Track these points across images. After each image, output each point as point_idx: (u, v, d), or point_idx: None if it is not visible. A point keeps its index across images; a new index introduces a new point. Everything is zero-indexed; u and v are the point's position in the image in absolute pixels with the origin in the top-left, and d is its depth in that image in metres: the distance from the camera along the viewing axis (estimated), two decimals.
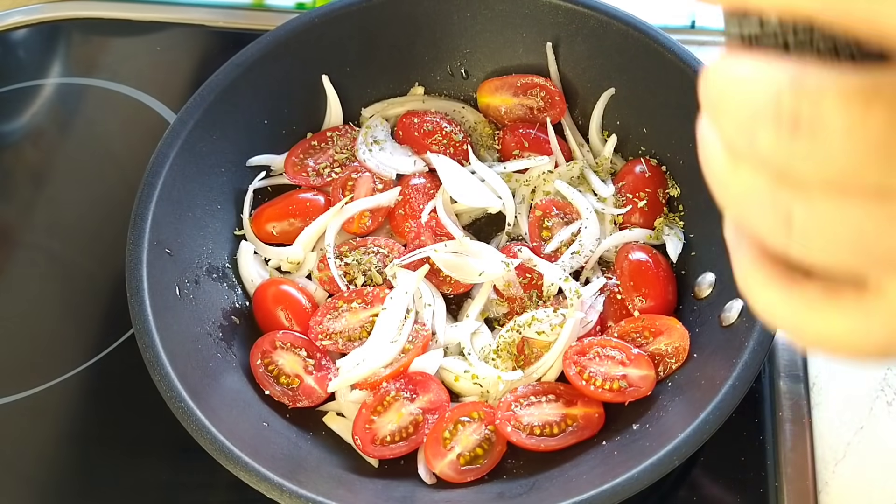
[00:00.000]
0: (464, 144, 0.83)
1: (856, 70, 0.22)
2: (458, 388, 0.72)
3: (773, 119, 0.23)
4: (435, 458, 0.66)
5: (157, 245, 0.69)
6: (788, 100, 0.22)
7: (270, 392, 0.70)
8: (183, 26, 1.00)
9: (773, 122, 0.23)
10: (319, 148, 0.83)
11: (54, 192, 0.89)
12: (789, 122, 0.22)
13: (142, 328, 0.64)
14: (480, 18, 0.83)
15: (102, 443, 0.74)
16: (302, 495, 0.58)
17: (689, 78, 0.73)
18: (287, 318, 0.74)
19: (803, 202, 0.23)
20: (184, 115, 0.74)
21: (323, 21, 0.80)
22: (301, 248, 0.78)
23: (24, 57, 1.01)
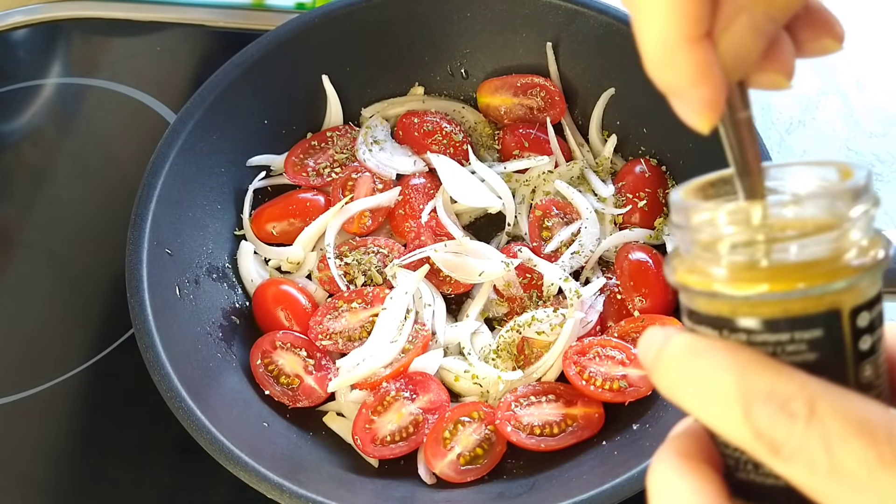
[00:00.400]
0: (464, 144, 0.83)
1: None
2: (458, 388, 0.72)
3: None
4: (435, 458, 0.66)
5: (157, 245, 0.69)
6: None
7: (270, 392, 0.70)
8: (183, 26, 1.00)
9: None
10: (319, 148, 0.83)
11: (54, 192, 0.89)
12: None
13: (142, 328, 0.64)
14: (480, 18, 0.83)
15: (102, 443, 0.74)
16: (302, 495, 0.58)
17: None
18: (287, 318, 0.74)
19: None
20: (184, 115, 0.74)
21: (323, 21, 0.80)
22: (301, 248, 0.78)
23: (24, 57, 1.01)
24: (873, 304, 0.26)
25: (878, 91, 0.96)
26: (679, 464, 0.28)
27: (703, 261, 0.27)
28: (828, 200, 0.26)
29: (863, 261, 0.26)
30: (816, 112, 0.94)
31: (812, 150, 0.91)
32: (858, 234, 0.26)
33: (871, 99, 0.95)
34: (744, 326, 0.26)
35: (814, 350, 0.26)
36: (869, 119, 0.94)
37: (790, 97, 0.95)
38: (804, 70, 0.97)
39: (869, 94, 0.95)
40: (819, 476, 0.24)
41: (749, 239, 0.26)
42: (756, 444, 0.25)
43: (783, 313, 0.26)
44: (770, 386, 0.25)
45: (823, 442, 0.23)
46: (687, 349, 0.27)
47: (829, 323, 0.26)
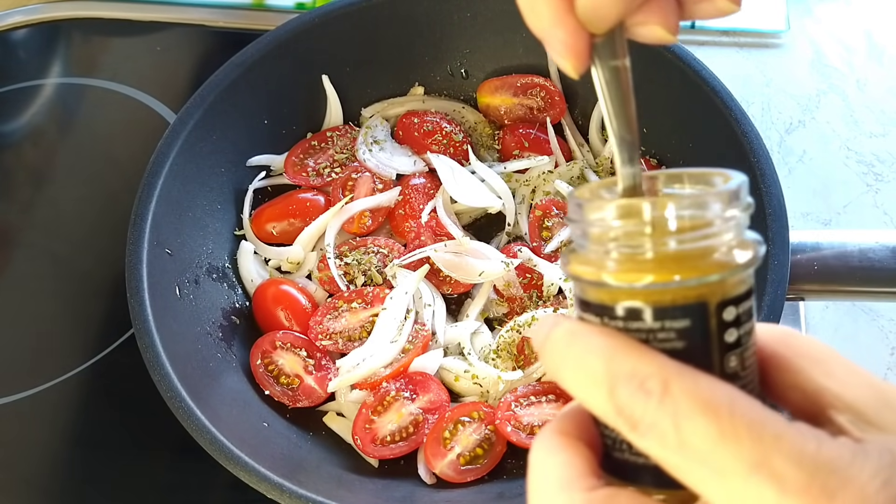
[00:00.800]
0: (464, 144, 0.83)
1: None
2: (458, 388, 0.72)
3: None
4: (435, 458, 0.66)
5: (157, 245, 0.69)
6: None
7: (270, 392, 0.70)
8: (183, 26, 1.00)
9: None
10: (319, 148, 0.83)
11: (54, 192, 0.89)
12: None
13: (142, 328, 0.64)
14: (480, 18, 0.83)
15: (102, 443, 0.74)
16: (302, 495, 0.58)
17: (689, 78, 0.73)
18: (287, 318, 0.74)
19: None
20: (184, 115, 0.74)
21: (323, 21, 0.80)
22: (301, 248, 0.78)
23: (24, 57, 1.01)
24: (741, 301, 0.29)
25: (878, 91, 0.96)
26: (554, 440, 0.30)
27: (592, 253, 0.30)
28: (704, 202, 0.28)
29: (731, 259, 0.28)
30: (816, 112, 0.94)
31: (812, 149, 0.91)
32: (730, 235, 0.28)
33: (871, 99, 0.95)
34: (621, 314, 0.29)
35: (682, 339, 0.28)
36: (869, 119, 0.94)
37: (790, 97, 0.95)
38: (804, 70, 0.97)
39: (869, 94, 0.95)
40: (669, 449, 0.26)
41: (632, 233, 0.28)
42: (618, 420, 0.27)
43: (656, 303, 0.28)
44: (632, 367, 0.27)
45: (673, 418, 0.25)
46: (569, 334, 0.29)
47: (696, 314, 0.28)
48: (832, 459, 0.24)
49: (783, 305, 0.62)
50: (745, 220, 0.29)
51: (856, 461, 0.24)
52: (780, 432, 0.25)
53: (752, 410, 0.25)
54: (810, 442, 0.24)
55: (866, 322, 0.80)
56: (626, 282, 0.28)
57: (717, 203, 0.28)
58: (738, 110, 0.70)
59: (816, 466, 0.24)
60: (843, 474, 0.24)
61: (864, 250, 0.66)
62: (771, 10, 1.01)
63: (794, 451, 0.24)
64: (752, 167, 0.67)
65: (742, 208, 0.29)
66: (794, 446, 0.24)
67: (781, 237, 0.64)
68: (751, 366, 0.30)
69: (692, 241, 0.28)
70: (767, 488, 0.24)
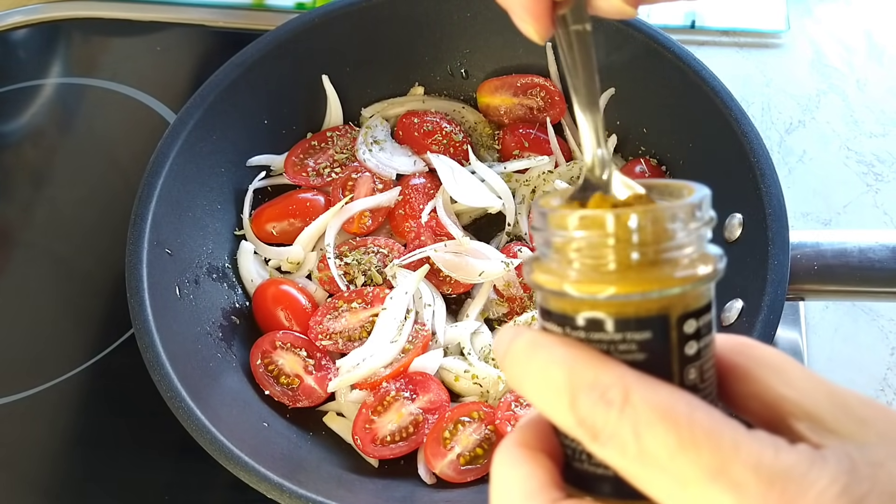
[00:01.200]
0: (464, 144, 0.83)
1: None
2: (458, 388, 0.72)
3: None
4: (435, 457, 0.66)
5: (157, 245, 0.69)
6: None
7: (270, 392, 0.70)
8: (183, 26, 1.00)
9: None
10: (319, 148, 0.83)
11: (54, 192, 0.89)
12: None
13: (142, 328, 0.64)
14: (480, 18, 0.83)
15: (102, 443, 0.74)
16: (302, 495, 0.58)
17: (689, 78, 0.73)
18: (287, 318, 0.74)
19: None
20: (184, 115, 0.74)
21: (323, 21, 0.80)
22: (301, 248, 0.78)
23: (24, 57, 1.01)
24: (701, 314, 0.29)
25: (878, 91, 0.96)
26: (516, 452, 0.30)
27: (555, 262, 0.30)
28: (666, 216, 0.28)
29: (692, 273, 0.28)
30: (816, 112, 0.94)
31: (812, 149, 0.91)
32: (692, 248, 0.29)
33: (871, 99, 0.95)
34: (583, 325, 0.29)
35: (643, 350, 0.28)
36: (869, 119, 0.94)
37: (790, 97, 0.95)
38: (804, 70, 0.97)
39: (869, 94, 0.95)
40: (629, 458, 0.26)
41: (594, 244, 0.29)
42: (579, 431, 0.27)
43: (618, 315, 0.28)
44: (594, 377, 0.27)
45: (633, 427, 0.25)
46: (530, 344, 0.29)
47: (657, 327, 0.28)
48: (791, 466, 0.24)
49: (783, 305, 0.62)
50: (707, 233, 0.30)
51: (814, 468, 0.24)
52: (738, 440, 0.25)
53: (712, 419, 0.25)
54: (768, 449, 0.24)
55: (866, 322, 0.80)
56: (587, 293, 0.29)
57: (679, 217, 0.28)
58: (737, 110, 0.70)
59: (775, 474, 0.24)
60: (802, 481, 0.24)
61: (864, 250, 0.66)
62: (771, 10, 1.01)
63: (752, 458, 0.24)
64: (752, 167, 0.67)
65: (704, 222, 0.29)
66: (752, 454, 0.24)
67: (781, 237, 0.64)
68: (710, 377, 0.30)
69: (654, 255, 0.28)
70: (727, 496, 0.24)
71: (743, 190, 0.67)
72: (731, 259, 0.32)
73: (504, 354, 0.30)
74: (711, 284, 0.30)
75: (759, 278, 0.63)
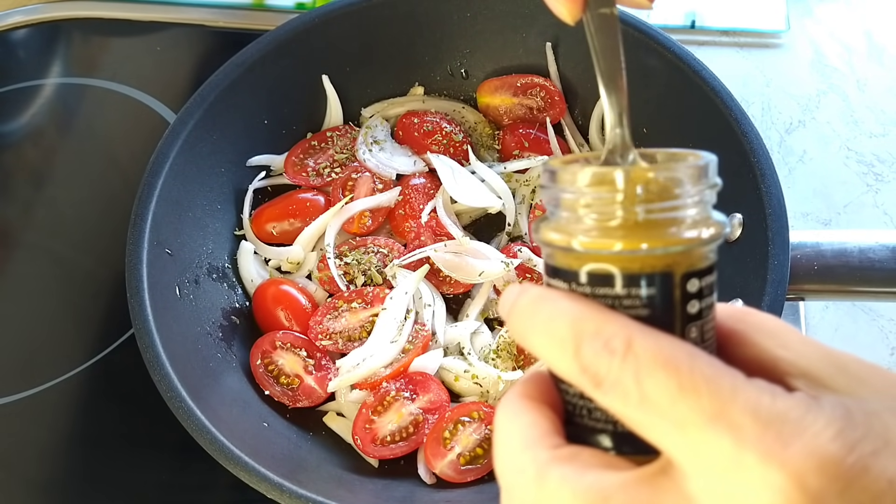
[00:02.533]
0: (464, 144, 0.83)
1: (601, 470, 0.28)
2: (458, 388, 0.72)
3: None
4: (435, 457, 0.66)
5: (157, 245, 0.69)
6: (532, 495, 0.28)
7: (270, 392, 0.70)
8: (183, 26, 1.00)
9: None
10: (319, 148, 0.83)
11: (54, 192, 0.89)
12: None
13: (142, 328, 0.64)
14: (480, 18, 0.83)
15: (102, 443, 0.74)
16: (302, 495, 0.58)
17: (690, 78, 0.73)
18: (287, 318, 0.74)
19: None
20: (184, 115, 0.74)
21: (323, 21, 0.80)
22: (301, 248, 0.78)
23: (24, 57, 1.01)
24: (704, 275, 0.30)
25: (878, 91, 0.96)
26: (518, 403, 0.31)
27: (563, 220, 0.31)
28: (675, 175, 0.29)
29: (697, 232, 0.29)
30: (816, 112, 0.94)
31: (812, 149, 0.91)
32: (697, 209, 0.30)
33: (871, 99, 0.95)
34: (588, 280, 0.30)
35: (647, 306, 0.29)
36: (869, 119, 0.94)
37: (790, 97, 0.95)
38: (804, 70, 0.97)
39: (869, 94, 0.95)
40: (631, 404, 0.26)
41: (603, 200, 0.29)
42: (583, 378, 0.28)
43: (623, 270, 0.29)
44: (598, 327, 0.28)
45: (635, 374, 0.26)
46: (536, 298, 0.30)
47: (662, 283, 0.29)
48: (787, 410, 0.25)
49: (783, 305, 0.62)
50: (712, 197, 0.31)
51: (810, 412, 0.25)
52: (737, 386, 0.25)
53: (712, 366, 0.26)
54: (766, 395, 0.25)
55: (866, 322, 0.80)
56: (595, 248, 0.29)
57: (687, 177, 0.30)
58: (738, 110, 0.70)
59: (771, 417, 0.24)
60: (798, 424, 0.24)
61: (864, 250, 0.66)
62: (771, 10, 1.01)
63: (750, 402, 0.25)
64: (752, 167, 0.67)
65: (709, 185, 0.30)
66: (750, 399, 0.25)
67: (781, 237, 0.64)
68: (710, 340, 0.31)
69: (661, 212, 0.29)
70: (725, 438, 0.24)
71: (743, 190, 0.67)
72: (731, 259, 0.32)
73: (510, 309, 0.31)
74: (715, 247, 0.30)
75: (759, 278, 0.63)
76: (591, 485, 0.27)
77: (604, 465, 0.28)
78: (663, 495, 0.26)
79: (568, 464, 0.28)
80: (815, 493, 0.23)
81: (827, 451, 0.23)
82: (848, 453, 0.23)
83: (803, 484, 0.23)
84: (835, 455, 0.23)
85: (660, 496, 0.26)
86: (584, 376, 0.27)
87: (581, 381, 0.28)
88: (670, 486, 0.26)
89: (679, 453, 0.26)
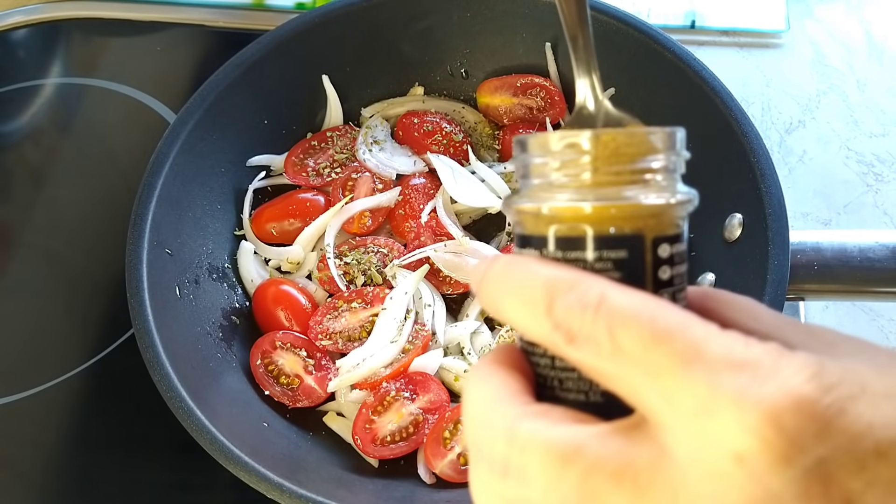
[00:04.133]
0: (464, 144, 0.83)
1: (572, 423, 0.27)
2: (458, 388, 0.72)
3: (488, 466, 0.28)
4: (435, 457, 0.66)
5: (157, 245, 0.69)
6: (501, 450, 0.27)
7: (270, 392, 0.70)
8: (183, 26, 1.00)
9: (489, 468, 0.28)
10: (319, 148, 0.83)
11: (54, 192, 0.89)
12: (499, 468, 0.27)
13: (142, 328, 0.64)
14: (480, 18, 0.83)
15: (102, 443, 0.74)
16: (302, 495, 0.58)
17: (690, 78, 0.73)
18: (287, 319, 0.74)
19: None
20: (184, 115, 0.74)
21: (323, 21, 0.80)
22: (301, 248, 0.78)
23: (24, 57, 1.01)
24: (674, 241, 0.30)
25: (878, 91, 0.96)
26: (489, 367, 0.31)
27: (533, 187, 0.31)
28: (643, 138, 0.30)
29: (667, 195, 0.30)
30: (816, 112, 0.94)
31: (812, 150, 0.91)
32: (666, 175, 0.30)
33: (871, 99, 0.95)
34: (559, 244, 0.30)
35: (618, 269, 0.30)
36: (869, 119, 0.94)
37: (790, 97, 0.95)
38: (804, 70, 0.97)
39: (869, 94, 0.95)
40: (604, 357, 0.26)
41: (571, 161, 0.30)
42: (555, 335, 0.27)
43: (595, 231, 0.29)
44: (570, 284, 0.27)
45: (607, 326, 0.26)
46: (507, 264, 0.30)
47: (633, 246, 0.29)
48: (761, 354, 0.25)
49: (783, 305, 0.62)
50: (681, 167, 0.31)
51: (783, 356, 0.24)
52: (710, 334, 0.25)
53: (685, 316, 0.26)
54: (739, 341, 0.25)
55: (866, 322, 0.80)
56: (565, 210, 0.30)
57: (656, 141, 0.30)
58: (738, 110, 0.70)
59: (745, 360, 0.24)
60: (772, 367, 0.24)
61: (864, 250, 0.66)
62: (771, 10, 1.01)
63: (724, 347, 0.25)
64: (752, 167, 0.67)
65: (676, 153, 0.31)
66: (723, 344, 0.25)
67: (781, 237, 0.64)
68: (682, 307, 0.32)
69: (630, 174, 0.29)
70: (699, 382, 0.24)
71: (743, 190, 0.67)
72: (731, 259, 0.32)
73: (481, 279, 0.30)
74: (685, 214, 0.31)
75: (759, 278, 0.63)
76: (562, 436, 0.26)
77: (575, 420, 0.28)
78: (636, 446, 0.26)
79: (539, 418, 0.28)
80: (791, 433, 0.23)
81: (802, 390, 0.23)
82: (824, 394, 0.23)
83: (779, 423, 0.23)
84: (810, 394, 0.23)
85: (633, 447, 0.26)
86: (557, 333, 0.27)
87: (553, 339, 0.27)
88: (643, 438, 0.26)
89: (653, 402, 0.25)
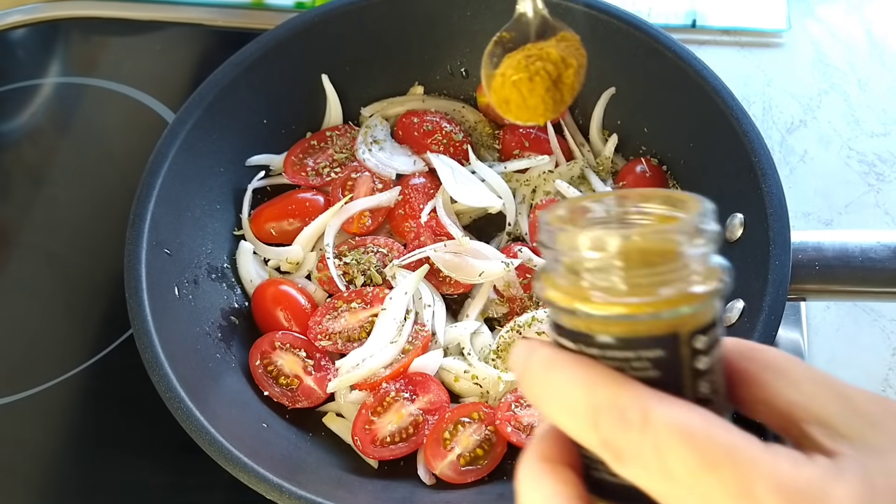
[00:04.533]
0: (464, 144, 0.83)
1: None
2: (458, 389, 0.72)
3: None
4: (435, 458, 0.66)
5: (156, 245, 0.69)
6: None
7: (270, 393, 0.69)
8: (183, 26, 0.99)
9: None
10: (319, 148, 0.83)
11: (53, 191, 0.89)
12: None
13: (141, 328, 0.64)
14: (480, 18, 0.83)
15: (102, 443, 0.74)
16: (301, 496, 0.58)
17: (690, 77, 0.72)
18: (286, 319, 0.74)
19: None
20: (183, 114, 0.74)
21: (323, 21, 0.80)
22: (300, 248, 0.78)
23: (23, 56, 1.00)
24: (709, 329, 0.30)
25: (879, 90, 0.95)
26: (538, 468, 0.31)
27: (566, 280, 0.30)
28: (673, 237, 0.29)
29: (700, 291, 0.29)
30: (817, 112, 0.94)
31: (813, 149, 0.91)
32: (698, 266, 0.29)
33: (872, 98, 0.95)
34: (597, 342, 0.29)
35: (656, 368, 0.29)
36: (870, 119, 0.93)
37: (791, 97, 0.95)
38: (805, 69, 0.97)
39: (870, 94, 0.95)
40: (654, 478, 0.26)
41: (606, 265, 0.29)
42: (604, 452, 0.28)
43: (631, 333, 0.29)
44: (612, 398, 0.28)
45: (654, 448, 0.26)
46: (547, 363, 0.30)
47: (669, 345, 0.29)
48: (810, 483, 0.25)
49: (784, 306, 0.62)
50: (713, 248, 0.30)
51: (831, 483, 0.25)
52: (756, 457, 0.25)
53: (729, 436, 0.26)
54: (786, 465, 0.25)
55: (867, 322, 0.80)
56: (599, 312, 0.29)
57: (685, 236, 0.29)
58: (739, 110, 0.70)
59: (795, 492, 0.25)
60: (821, 497, 0.24)
61: (866, 250, 0.66)
62: (772, 9, 1.01)
63: (772, 477, 0.25)
64: (753, 167, 0.66)
65: (708, 238, 0.30)
66: (771, 472, 0.25)
67: (783, 237, 0.63)
68: (720, 386, 0.31)
69: (662, 275, 0.29)
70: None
71: (744, 190, 0.67)
72: (732, 259, 0.32)
73: (521, 373, 0.31)
74: (720, 298, 0.30)
75: (760, 278, 0.63)
76: None
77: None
78: None
79: None
80: None
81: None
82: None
83: None
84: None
85: None
86: (606, 449, 0.27)
87: (602, 454, 0.28)
88: None
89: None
